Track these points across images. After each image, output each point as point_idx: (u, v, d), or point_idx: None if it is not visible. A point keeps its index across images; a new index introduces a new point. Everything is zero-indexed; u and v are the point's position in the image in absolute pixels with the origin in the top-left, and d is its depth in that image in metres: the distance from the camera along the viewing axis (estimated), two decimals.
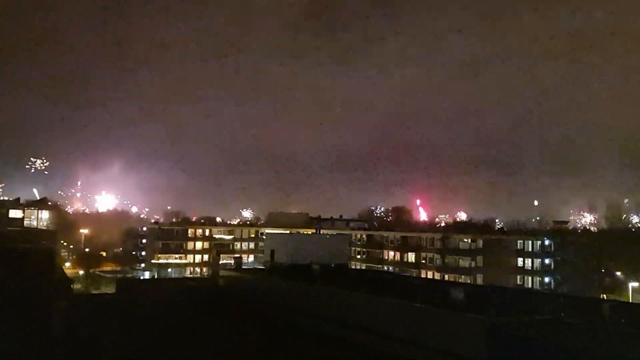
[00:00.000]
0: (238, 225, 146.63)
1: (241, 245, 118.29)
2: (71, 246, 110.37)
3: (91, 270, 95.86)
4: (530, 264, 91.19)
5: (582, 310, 26.78)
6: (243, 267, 53.14)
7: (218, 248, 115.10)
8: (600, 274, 78.54)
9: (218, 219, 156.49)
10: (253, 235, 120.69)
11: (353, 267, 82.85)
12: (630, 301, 59.71)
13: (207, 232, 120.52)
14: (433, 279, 67.76)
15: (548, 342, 19.89)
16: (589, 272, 77.99)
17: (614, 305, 28.71)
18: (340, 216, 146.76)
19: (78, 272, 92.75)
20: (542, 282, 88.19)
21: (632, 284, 69.52)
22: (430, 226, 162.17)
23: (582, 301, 35.06)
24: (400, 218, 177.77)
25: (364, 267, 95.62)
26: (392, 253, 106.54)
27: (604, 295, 67.01)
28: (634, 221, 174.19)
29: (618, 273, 78.34)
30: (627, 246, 79.95)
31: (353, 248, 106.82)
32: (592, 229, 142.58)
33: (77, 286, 71.71)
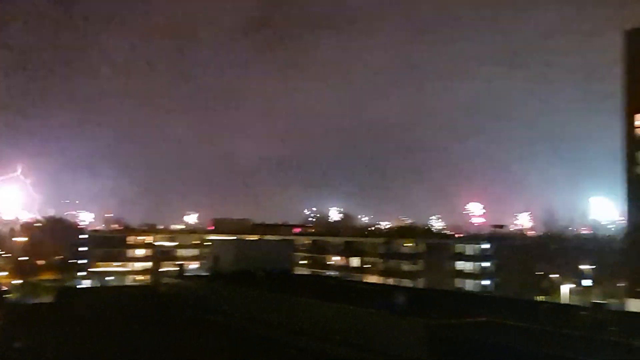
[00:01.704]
0: (181, 231, 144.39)
1: (184, 252, 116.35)
2: (8, 255, 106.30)
3: (29, 280, 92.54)
4: (469, 267, 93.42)
5: (519, 311, 27.76)
6: (186, 274, 52.32)
7: (160, 255, 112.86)
8: (536, 276, 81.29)
9: (161, 226, 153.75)
10: (197, 242, 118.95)
11: (298, 272, 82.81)
12: (563, 303, 62.01)
13: (148, 239, 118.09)
14: (375, 283, 68.58)
15: (486, 342, 20.53)
16: (526, 275, 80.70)
17: (549, 307, 29.92)
18: (285, 222, 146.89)
19: (15, 282, 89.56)
20: (481, 285, 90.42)
21: (565, 286, 72.44)
22: (374, 231, 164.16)
23: (519, 303, 36.36)
24: (346, 223, 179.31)
25: (308, 273, 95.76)
26: (336, 258, 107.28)
27: (541, 298, 69.40)
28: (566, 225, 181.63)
29: (554, 275, 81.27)
30: (562, 249, 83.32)
31: (298, 254, 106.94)
32: (531, 232, 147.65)
33: (13, 295, 69.28)
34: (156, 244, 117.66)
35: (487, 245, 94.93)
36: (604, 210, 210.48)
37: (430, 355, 21.23)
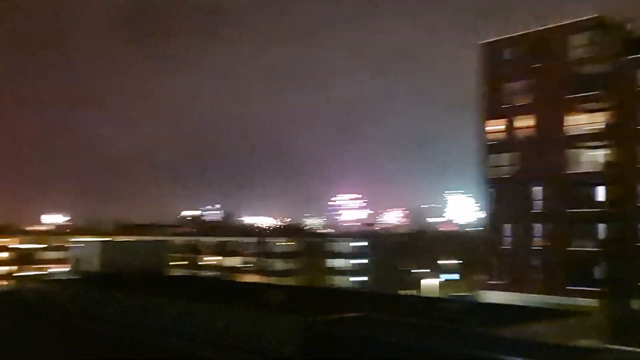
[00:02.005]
0: (47, 232, 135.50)
1: (49, 255, 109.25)
2: None
3: None
4: (344, 265, 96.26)
5: (391, 306, 29.18)
6: (51, 277, 49.37)
7: (22, 258, 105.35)
8: (405, 272, 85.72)
9: (27, 228, 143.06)
10: (63, 244, 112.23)
11: (172, 273, 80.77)
12: (429, 296, 65.69)
13: (8, 242, 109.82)
14: (251, 282, 68.66)
15: (359, 337, 21.35)
16: (396, 271, 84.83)
17: (415, 300, 31.75)
18: (161, 223, 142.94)
19: None
20: (355, 282, 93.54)
21: (432, 280, 77.39)
22: (253, 230, 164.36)
23: (390, 298, 38.19)
24: (225, 223, 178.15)
25: (184, 274, 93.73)
26: (213, 258, 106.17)
27: (409, 292, 73.18)
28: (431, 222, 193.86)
29: (421, 270, 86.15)
30: (426, 245, 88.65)
31: (173, 255, 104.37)
32: (403, 229, 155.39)
33: None
34: (17, 246, 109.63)
35: (361, 243, 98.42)
36: (464, 208, 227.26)
37: (304, 352, 21.70)
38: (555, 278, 47.80)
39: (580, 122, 49.78)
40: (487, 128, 54.00)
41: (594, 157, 49.46)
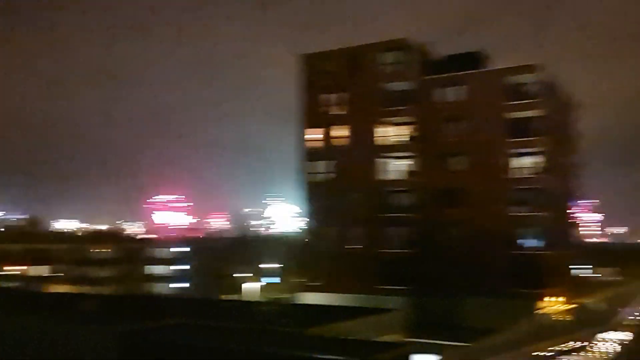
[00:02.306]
0: None
1: None
2: None
3: None
4: (163, 271, 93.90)
5: (209, 311, 29.39)
6: None
7: None
8: (227, 276, 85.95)
9: None
10: None
11: None
12: (249, 300, 66.70)
13: None
14: (62, 293, 64.19)
15: (176, 344, 21.34)
16: (218, 276, 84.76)
17: (235, 305, 32.23)
18: None
19: None
20: (175, 288, 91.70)
21: (253, 284, 78.47)
22: (62, 236, 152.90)
23: (209, 303, 38.32)
24: (32, 228, 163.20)
25: None
26: (13, 267, 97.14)
27: (230, 296, 73.59)
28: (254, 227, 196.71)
29: (243, 274, 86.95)
30: (248, 250, 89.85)
31: None
32: (226, 234, 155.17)
33: None
34: None
35: (182, 249, 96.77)
36: (284, 213, 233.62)
37: None
38: (368, 278, 51.24)
39: (388, 133, 54.18)
40: (306, 136, 56.42)
41: (401, 166, 54.13)
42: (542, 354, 18.93)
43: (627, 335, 19.69)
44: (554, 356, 18.70)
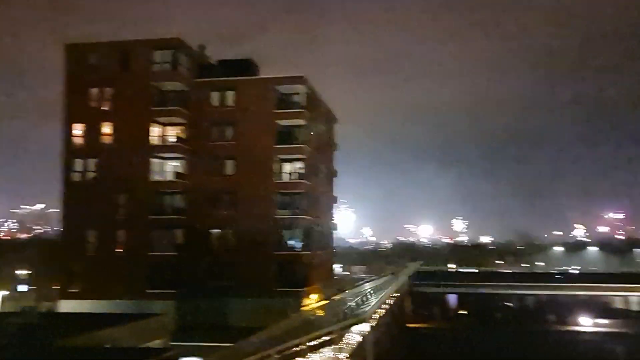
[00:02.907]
0: None
1: None
2: None
3: None
4: None
5: None
6: None
7: None
8: None
9: None
10: None
11: None
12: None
13: None
14: None
15: None
16: None
17: None
18: None
19: None
20: None
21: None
22: None
23: None
24: None
25: None
26: None
27: None
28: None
29: None
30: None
31: None
32: None
33: None
34: None
35: None
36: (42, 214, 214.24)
37: None
38: (135, 282, 49.42)
39: (158, 133, 53.01)
40: (72, 132, 52.58)
41: (171, 168, 53.29)
42: (297, 349, 20.30)
43: (368, 327, 22.18)
44: (306, 351, 20.23)
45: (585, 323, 58.16)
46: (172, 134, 53.12)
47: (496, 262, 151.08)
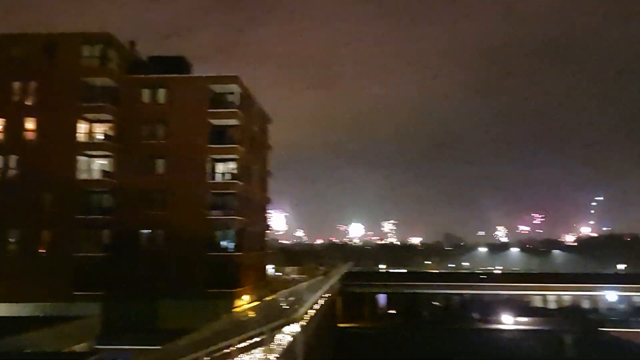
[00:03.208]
0: None
1: None
2: None
3: None
4: None
5: None
6: None
7: None
8: None
9: None
10: None
11: None
12: None
13: None
14: None
15: None
16: None
17: None
18: None
19: None
20: None
21: None
22: None
23: None
24: None
25: None
26: None
27: None
28: None
29: None
30: None
31: None
32: None
33: None
34: None
35: None
36: None
37: None
38: (61, 284, 47.68)
39: (88, 130, 51.45)
40: None
41: (100, 166, 51.79)
42: (227, 351, 20.27)
43: (298, 327, 22.38)
44: (236, 352, 20.23)
45: (507, 321, 60.63)
46: (100, 131, 51.68)
47: (425, 262, 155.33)
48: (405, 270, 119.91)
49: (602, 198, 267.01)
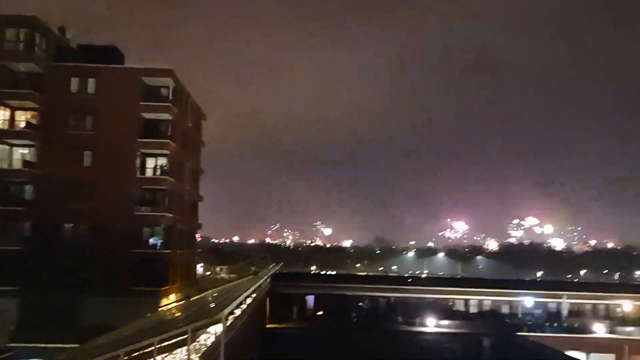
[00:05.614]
0: None
1: None
2: None
3: None
4: None
5: None
6: None
7: None
8: None
9: None
10: None
11: None
12: None
13: None
14: None
15: None
16: None
17: None
18: None
19: None
20: None
21: None
22: None
23: None
24: None
25: None
26: None
27: None
28: None
29: None
30: None
31: None
32: None
33: None
34: None
35: None
36: None
37: None
38: None
39: (9, 117, 49.17)
40: None
41: (22, 155, 49.51)
42: (148, 350, 19.76)
43: (221, 328, 22.14)
44: (157, 351, 19.76)
45: (431, 324, 62.11)
46: (23, 119, 49.45)
47: (356, 265, 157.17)
48: (334, 272, 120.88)
49: None
